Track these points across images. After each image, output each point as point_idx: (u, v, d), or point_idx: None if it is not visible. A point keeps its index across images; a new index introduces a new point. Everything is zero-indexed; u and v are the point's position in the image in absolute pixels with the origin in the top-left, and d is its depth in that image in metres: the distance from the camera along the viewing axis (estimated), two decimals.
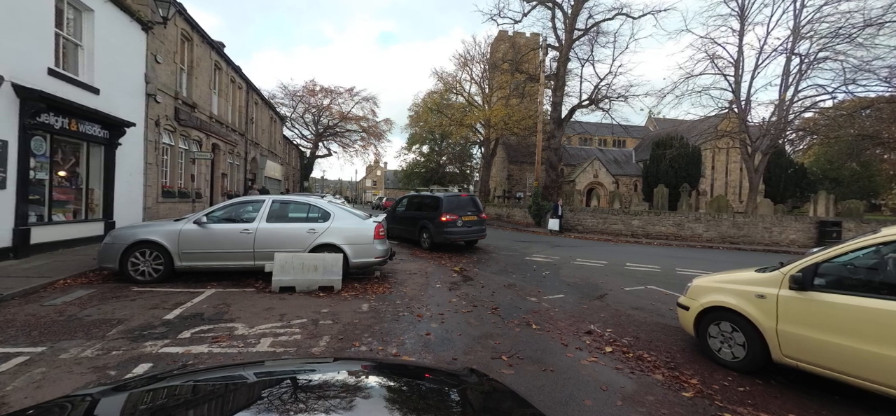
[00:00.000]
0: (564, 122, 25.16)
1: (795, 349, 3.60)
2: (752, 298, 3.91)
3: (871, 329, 3.14)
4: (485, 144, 36.82)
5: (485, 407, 1.32)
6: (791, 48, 17.68)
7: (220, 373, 1.49)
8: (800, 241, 16.65)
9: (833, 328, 3.35)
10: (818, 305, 3.46)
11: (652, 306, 6.27)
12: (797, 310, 3.59)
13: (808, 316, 3.52)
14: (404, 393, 1.29)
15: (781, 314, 3.69)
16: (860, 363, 3.21)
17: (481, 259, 10.63)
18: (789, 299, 3.65)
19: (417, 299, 6.36)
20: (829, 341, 3.36)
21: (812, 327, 3.48)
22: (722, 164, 38.25)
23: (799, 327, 3.57)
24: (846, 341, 3.27)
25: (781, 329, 3.67)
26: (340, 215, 7.41)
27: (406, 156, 56.86)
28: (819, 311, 3.45)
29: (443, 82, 34.48)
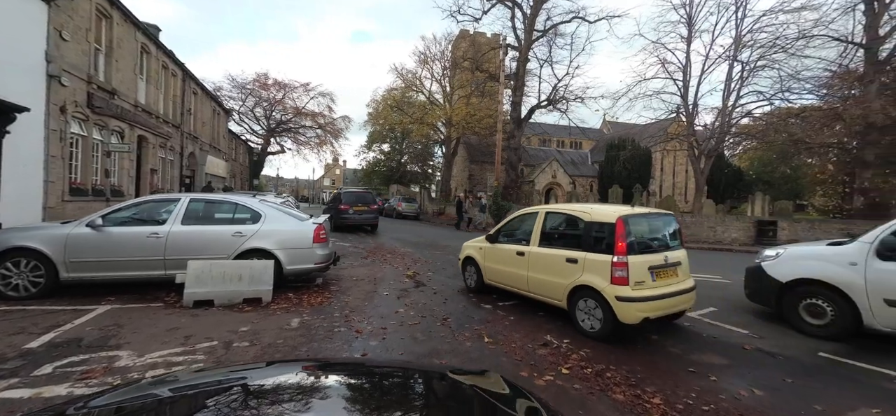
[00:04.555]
0: (524, 122, 25.22)
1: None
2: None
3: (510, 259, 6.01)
4: (446, 143, 36.41)
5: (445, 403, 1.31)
6: (733, 55, 18.70)
7: (152, 390, 1.27)
8: (741, 239, 17.57)
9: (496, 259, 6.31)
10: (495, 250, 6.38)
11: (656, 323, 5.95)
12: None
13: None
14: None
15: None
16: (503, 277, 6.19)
17: (437, 262, 10.05)
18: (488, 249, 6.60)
19: (360, 310, 5.65)
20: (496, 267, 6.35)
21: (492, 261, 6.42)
22: (670, 166, 40.34)
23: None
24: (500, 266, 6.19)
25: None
26: (274, 216, 6.52)
27: (366, 155, 55.33)
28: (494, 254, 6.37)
29: (403, 79, 33.69)
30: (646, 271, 4.59)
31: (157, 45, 16.39)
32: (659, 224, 5.20)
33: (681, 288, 4.84)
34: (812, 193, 29.32)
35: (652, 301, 4.49)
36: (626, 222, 4.62)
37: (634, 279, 4.46)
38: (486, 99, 31.65)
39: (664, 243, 5.04)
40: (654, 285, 4.61)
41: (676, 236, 5.23)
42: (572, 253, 4.97)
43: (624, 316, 4.42)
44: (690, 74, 20.27)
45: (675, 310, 4.91)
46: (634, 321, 4.40)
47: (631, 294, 4.41)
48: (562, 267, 5.06)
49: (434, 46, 32.61)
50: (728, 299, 6.68)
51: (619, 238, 4.53)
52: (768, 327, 5.28)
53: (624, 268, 4.45)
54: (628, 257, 4.48)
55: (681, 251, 5.12)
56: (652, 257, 4.73)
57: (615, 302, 4.44)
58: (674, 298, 4.72)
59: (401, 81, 34.11)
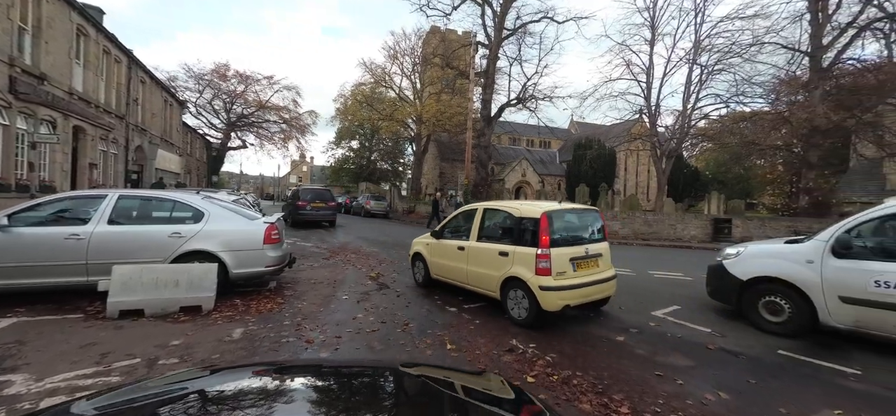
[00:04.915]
0: (494, 120, 25.20)
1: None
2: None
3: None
4: (416, 140, 35.93)
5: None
6: (693, 59, 19.44)
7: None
8: (699, 236, 18.28)
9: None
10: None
11: (576, 311, 5.83)
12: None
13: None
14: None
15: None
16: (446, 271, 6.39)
17: (404, 263, 9.66)
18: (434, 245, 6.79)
19: (314, 317, 5.20)
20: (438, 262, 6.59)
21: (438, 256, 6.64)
22: (633, 166, 41.77)
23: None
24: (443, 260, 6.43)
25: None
26: (218, 215, 5.93)
27: (334, 151, 53.82)
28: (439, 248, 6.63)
29: (372, 74, 32.84)
30: (567, 262, 4.97)
31: (97, 28, 14.97)
32: (583, 219, 5.61)
33: (601, 277, 5.27)
34: (762, 192, 31.19)
35: (572, 290, 4.90)
36: (549, 218, 4.97)
37: (556, 270, 4.82)
38: (457, 96, 31.46)
39: (587, 237, 5.44)
40: (574, 276, 5.00)
41: (600, 231, 5.62)
42: (504, 247, 5.31)
43: (546, 304, 4.77)
44: (653, 76, 20.94)
45: (597, 297, 5.35)
46: (556, 309, 4.77)
47: (553, 284, 4.76)
48: (495, 260, 5.38)
49: (404, 42, 32.08)
50: (690, 297, 6.73)
51: (543, 232, 4.88)
52: (729, 324, 5.30)
53: (547, 260, 4.80)
54: (551, 249, 4.84)
55: (603, 244, 5.53)
56: (574, 249, 5.12)
57: (538, 291, 4.76)
58: (594, 286, 5.17)
59: (370, 77, 33.29)
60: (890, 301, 4.01)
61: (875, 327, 4.18)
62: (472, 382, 1.53)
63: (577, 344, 4.56)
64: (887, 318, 4.06)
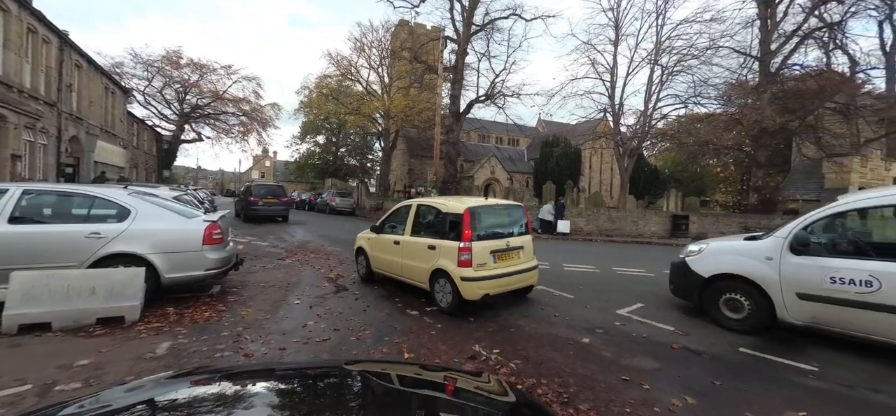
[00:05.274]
0: (463, 116, 25.00)
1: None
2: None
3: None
4: (384, 135, 35.10)
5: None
6: (654, 60, 20.04)
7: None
8: (659, 232, 18.91)
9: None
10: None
11: (542, 312, 5.65)
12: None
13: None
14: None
15: None
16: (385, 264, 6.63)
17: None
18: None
19: (258, 326, 4.69)
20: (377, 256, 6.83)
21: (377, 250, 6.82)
22: (598, 164, 42.96)
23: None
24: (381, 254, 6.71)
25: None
26: (148, 213, 5.26)
27: (299, 146, 51.78)
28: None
29: (337, 66, 31.69)
30: (488, 254, 5.31)
31: (19, 4, 13.35)
32: (506, 215, 5.96)
33: (522, 268, 5.68)
34: (715, 190, 32.92)
35: (492, 280, 5.25)
36: (472, 214, 5.32)
37: (477, 262, 5.16)
38: (426, 91, 31.02)
39: (508, 231, 5.77)
40: (495, 267, 5.35)
41: (523, 225, 6.00)
42: (432, 241, 5.60)
43: (466, 294, 5.10)
44: (617, 75, 21.45)
45: (518, 286, 5.76)
46: (475, 298, 5.10)
47: (473, 275, 5.09)
48: (425, 253, 5.67)
49: (371, 34, 31.13)
50: (654, 294, 6.74)
51: (466, 227, 5.21)
52: (691, 322, 5.28)
53: (468, 252, 5.13)
54: (472, 243, 5.18)
55: (524, 238, 5.90)
56: (495, 242, 5.46)
57: (460, 282, 5.09)
58: (514, 276, 5.58)
59: (335, 69, 32.11)
60: (844, 297, 4.05)
61: (830, 323, 4.22)
62: (466, 383, 1.49)
63: (542, 348, 4.34)
64: (842, 314, 4.10)
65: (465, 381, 1.52)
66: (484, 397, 1.35)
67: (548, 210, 17.65)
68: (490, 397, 1.35)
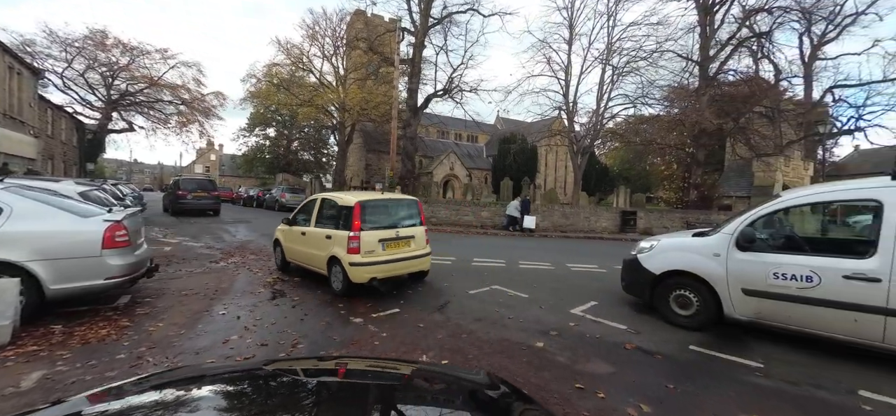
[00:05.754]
0: (420, 110, 24.51)
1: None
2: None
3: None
4: (339, 129, 33.73)
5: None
6: (606, 60, 20.69)
7: None
8: (609, 228, 19.59)
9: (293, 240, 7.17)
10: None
11: (496, 314, 5.37)
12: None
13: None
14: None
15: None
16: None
17: None
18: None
19: (167, 344, 4.00)
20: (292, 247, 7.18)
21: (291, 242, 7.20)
22: (553, 161, 44.18)
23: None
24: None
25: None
26: (27, 212, 4.34)
27: (247, 138, 48.69)
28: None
29: (288, 55, 29.91)
30: (377, 242, 5.86)
31: None
32: (398, 207, 6.55)
33: (412, 255, 6.27)
34: (659, 187, 34.94)
35: (379, 265, 5.82)
36: (362, 206, 5.88)
37: (365, 249, 5.70)
38: (384, 84, 30.12)
39: (398, 222, 6.33)
40: (383, 254, 5.91)
41: (415, 216, 6.58)
42: (329, 231, 6.15)
43: (354, 277, 5.65)
44: (571, 74, 21.93)
45: (408, 271, 6.38)
46: (363, 281, 5.67)
47: (360, 261, 5.64)
48: (324, 242, 6.19)
49: (324, 21, 29.67)
50: (606, 291, 6.71)
51: (356, 218, 5.77)
52: (642, 319, 5.23)
53: (357, 241, 5.67)
54: (361, 232, 5.72)
55: (416, 228, 6.46)
56: (385, 232, 6.03)
57: (349, 267, 5.64)
58: (403, 262, 6.16)
59: (285, 57, 30.30)
60: (786, 293, 4.10)
61: (773, 318, 4.28)
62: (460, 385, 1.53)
63: (494, 356, 4.04)
64: (784, 309, 4.16)
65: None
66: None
67: (514, 206, 17.77)
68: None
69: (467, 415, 1.25)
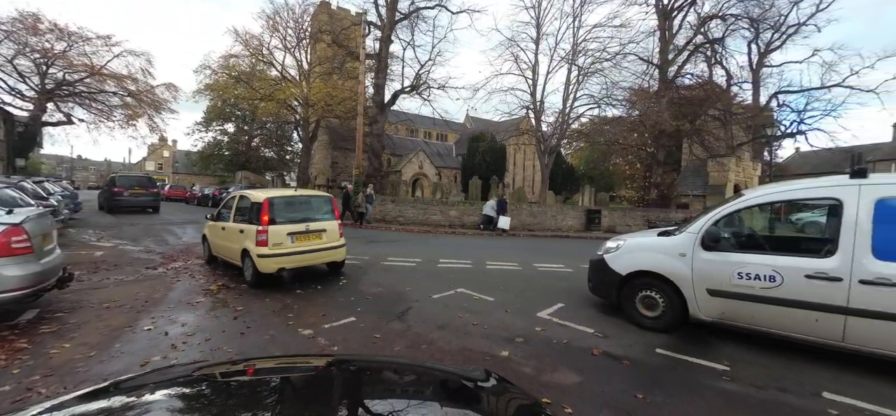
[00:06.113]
0: (387, 107, 23.95)
1: None
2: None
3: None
4: (303, 125, 32.35)
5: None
6: (572, 60, 20.97)
7: None
8: (575, 226, 19.88)
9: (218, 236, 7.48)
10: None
11: (459, 320, 5.06)
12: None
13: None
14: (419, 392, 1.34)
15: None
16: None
17: None
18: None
19: (69, 370, 3.38)
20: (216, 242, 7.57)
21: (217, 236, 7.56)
22: (521, 161, 44.71)
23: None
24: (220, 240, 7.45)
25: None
26: None
27: (203, 134, 45.92)
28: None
29: (246, 46, 28.33)
30: (285, 236, 6.28)
31: None
32: (308, 203, 6.99)
33: (323, 247, 6.75)
34: (622, 186, 36.13)
35: (287, 256, 6.27)
36: (270, 203, 6.33)
37: (273, 242, 6.14)
38: (350, 80, 29.16)
39: (309, 216, 6.75)
40: (291, 246, 6.34)
41: (329, 211, 7.07)
42: (243, 226, 6.58)
43: (262, 268, 6.08)
44: (538, 73, 22.09)
45: (318, 262, 6.89)
46: (271, 271, 6.13)
47: (268, 252, 6.09)
48: (238, 236, 6.61)
49: (286, 12, 28.30)
50: (573, 292, 6.57)
51: (264, 213, 6.21)
52: (609, 322, 5.09)
53: (265, 234, 6.11)
54: (269, 226, 6.14)
55: (329, 223, 6.91)
56: (294, 226, 6.43)
57: (257, 258, 6.07)
58: (313, 254, 6.64)
59: (243, 48, 28.68)
60: (750, 293, 4.05)
61: (738, 318, 4.22)
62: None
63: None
64: (748, 309, 4.10)
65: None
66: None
67: (491, 206, 17.67)
68: None
69: (437, 405, 1.22)
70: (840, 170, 22.21)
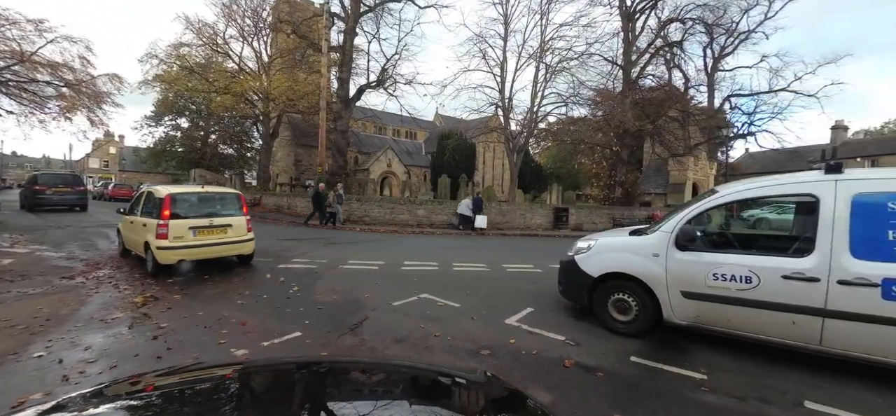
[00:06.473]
0: (352, 102, 23.04)
1: None
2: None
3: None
4: (264, 121, 30.65)
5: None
6: (540, 57, 20.96)
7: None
8: (544, 224, 19.89)
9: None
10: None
11: (420, 331, 4.58)
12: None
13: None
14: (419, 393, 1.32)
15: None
16: None
17: (207, 272, 7.06)
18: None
19: None
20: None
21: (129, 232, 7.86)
22: (491, 159, 44.76)
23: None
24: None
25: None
26: None
27: (153, 129, 42.63)
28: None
29: (198, 34, 26.43)
30: (187, 229, 6.64)
31: None
32: (214, 199, 7.34)
33: (229, 241, 7.16)
34: (588, 184, 36.92)
35: (188, 249, 6.67)
36: (172, 198, 6.67)
37: (173, 235, 6.48)
38: (314, 74, 27.87)
39: (214, 212, 7.14)
40: (193, 239, 6.71)
41: (235, 207, 7.48)
42: (147, 220, 6.87)
43: (161, 259, 6.43)
44: (507, 70, 21.94)
45: (223, 255, 7.20)
46: (171, 262, 6.52)
47: (168, 245, 6.44)
48: (142, 229, 6.95)
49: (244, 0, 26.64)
50: (543, 295, 6.25)
51: (165, 208, 6.51)
52: (581, 327, 4.79)
53: (165, 228, 6.43)
54: (170, 221, 6.46)
55: (235, 218, 7.32)
56: (196, 220, 6.79)
57: (156, 250, 6.42)
58: (216, 247, 7.02)
59: (195, 37, 26.74)
60: (726, 295, 3.83)
61: (713, 322, 4.00)
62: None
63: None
64: (724, 312, 3.89)
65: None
66: None
67: (466, 205, 17.30)
68: None
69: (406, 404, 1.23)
70: (785, 169, 23.47)
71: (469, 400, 1.30)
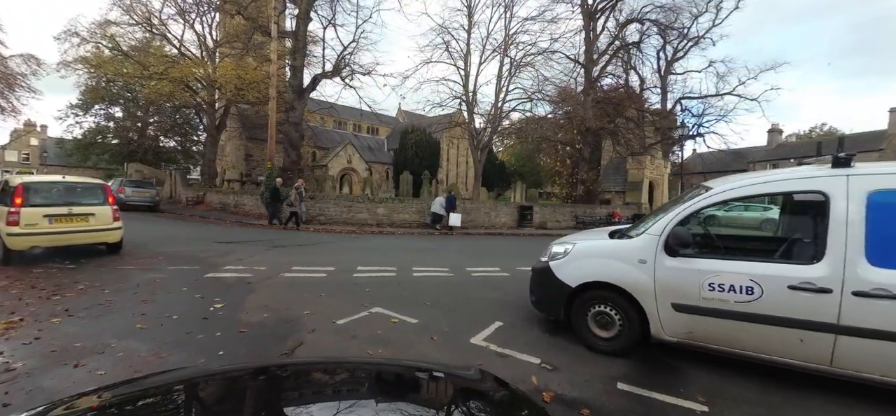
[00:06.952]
0: (307, 92, 21.50)
1: None
2: None
3: None
4: (208, 111, 27.99)
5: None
6: (504, 51, 20.55)
7: None
8: (509, 223, 19.52)
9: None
10: None
11: (368, 358, 3.73)
12: None
13: None
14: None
15: None
16: None
17: (121, 280, 5.76)
18: None
19: None
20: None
21: None
22: (455, 156, 44.24)
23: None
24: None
25: None
26: None
27: (81, 119, 38.16)
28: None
29: (129, 12, 23.60)
30: (42, 217, 6.89)
31: None
32: (74, 189, 7.59)
33: (91, 229, 7.44)
34: (550, 182, 37.33)
35: (42, 236, 6.95)
36: (25, 187, 6.94)
37: (25, 222, 6.73)
38: (266, 63, 25.81)
39: (74, 201, 7.38)
40: (48, 227, 6.96)
41: (99, 197, 7.78)
42: (2, 208, 6.93)
43: (11, 245, 6.72)
44: (471, 64, 21.38)
45: (87, 242, 7.49)
46: (21, 249, 6.80)
47: (18, 232, 6.69)
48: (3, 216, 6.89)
49: None
50: (512, 305, 5.59)
51: (17, 196, 6.80)
52: (557, 346, 4.15)
53: (17, 215, 6.69)
54: (22, 208, 6.72)
55: (98, 208, 7.61)
56: (53, 209, 7.04)
57: (6, 236, 6.69)
58: (74, 235, 7.26)
59: (125, 15, 23.86)
60: (724, 308, 3.31)
61: (708, 339, 3.48)
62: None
63: None
64: (722, 327, 3.37)
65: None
66: None
67: (440, 203, 16.65)
68: None
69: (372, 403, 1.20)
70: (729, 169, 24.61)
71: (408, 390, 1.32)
